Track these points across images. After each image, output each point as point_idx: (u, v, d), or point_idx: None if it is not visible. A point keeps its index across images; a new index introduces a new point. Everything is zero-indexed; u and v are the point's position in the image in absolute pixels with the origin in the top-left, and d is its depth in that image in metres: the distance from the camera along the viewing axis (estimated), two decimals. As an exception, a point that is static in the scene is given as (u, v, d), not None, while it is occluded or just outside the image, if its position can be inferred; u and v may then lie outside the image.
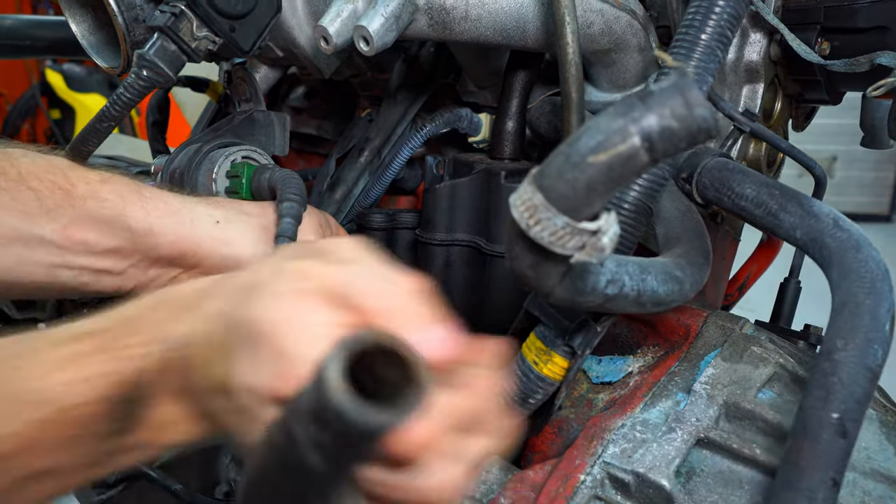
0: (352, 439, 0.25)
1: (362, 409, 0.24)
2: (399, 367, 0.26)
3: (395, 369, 0.26)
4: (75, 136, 0.62)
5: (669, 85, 0.32)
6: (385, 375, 0.26)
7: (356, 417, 0.24)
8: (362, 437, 0.25)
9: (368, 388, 0.24)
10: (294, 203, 0.62)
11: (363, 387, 0.24)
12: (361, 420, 0.24)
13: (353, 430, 0.24)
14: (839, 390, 0.42)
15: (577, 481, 0.54)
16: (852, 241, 0.46)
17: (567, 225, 0.34)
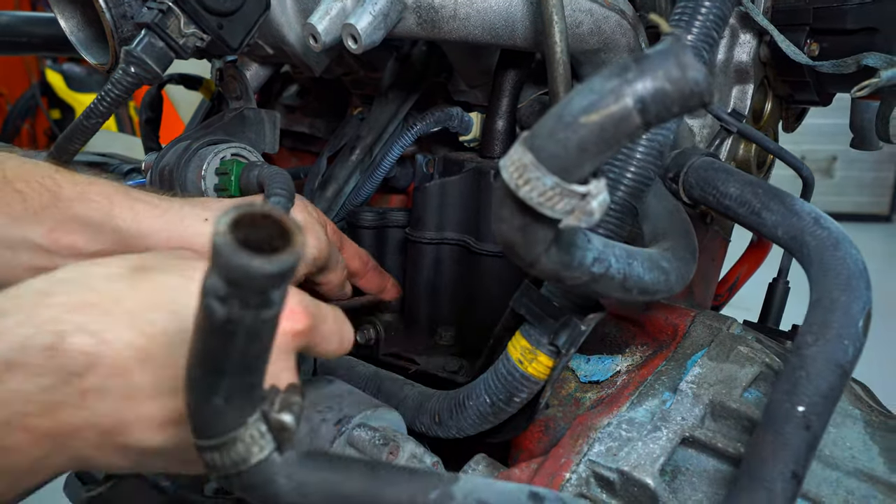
0: (234, 281, 0.28)
1: (237, 251, 0.27)
2: (281, 235, 0.29)
3: (283, 240, 0.29)
4: (62, 133, 0.62)
5: (664, 48, 0.32)
6: (277, 247, 0.29)
7: (232, 258, 0.27)
8: (240, 278, 0.28)
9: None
10: (281, 198, 0.63)
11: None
12: (236, 260, 0.27)
13: (232, 270, 0.28)
14: (805, 384, 0.43)
15: (563, 479, 0.54)
16: (832, 238, 0.46)
17: (557, 185, 0.34)
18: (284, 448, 0.37)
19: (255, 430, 0.36)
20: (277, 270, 0.28)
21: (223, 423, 0.35)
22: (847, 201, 5.89)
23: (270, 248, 0.29)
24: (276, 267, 0.28)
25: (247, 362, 0.33)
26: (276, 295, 0.30)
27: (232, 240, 0.28)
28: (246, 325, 0.30)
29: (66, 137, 0.61)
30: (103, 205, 0.57)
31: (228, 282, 0.29)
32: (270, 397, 0.37)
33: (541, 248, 0.39)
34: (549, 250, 0.39)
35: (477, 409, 0.58)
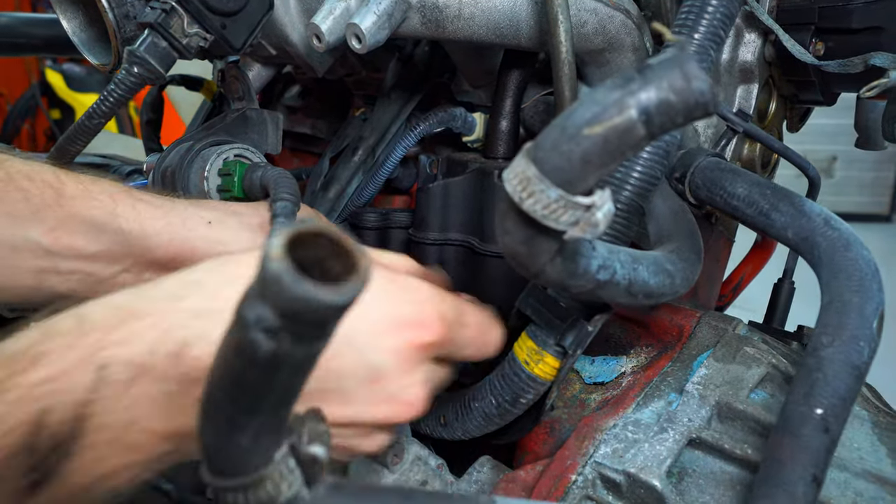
0: (292, 313, 0.25)
1: (299, 280, 0.24)
2: (342, 260, 0.26)
3: (338, 262, 0.26)
4: (63, 134, 0.61)
5: (668, 58, 0.31)
6: (329, 268, 0.26)
7: (293, 288, 0.24)
8: (300, 310, 0.25)
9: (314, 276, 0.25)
10: (288, 202, 0.62)
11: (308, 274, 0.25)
12: (299, 291, 0.24)
13: (291, 302, 0.24)
14: (822, 387, 0.42)
15: (569, 481, 0.54)
16: (842, 239, 0.46)
17: (561, 198, 0.33)
18: (314, 482, 0.34)
19: (283, 467, 0.32)
20: (345, 302, 0.25)
21: (249, 462, 0.32)
22: (847, 201, 5.89)
23: (322, 271, 0.26)
24: (343, 298, 0.25)
25: (286, 399, 0.30)
26: (332, 327, 0.27)
27: (290, 266, 0.24)
28: (295, 360, 0.27)
29: (67, 138, 0.60)
30: (107, 203, 0.57)
31: (284, 314, 0.25)
32: (298, 428, 0.33)
33: (545, 259, 0.39)
34: (553, 260, 0.39)
35: (482, 411, 0.57)
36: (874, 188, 6.04)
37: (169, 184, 0.74)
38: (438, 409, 0.62)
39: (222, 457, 0.32)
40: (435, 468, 0.56)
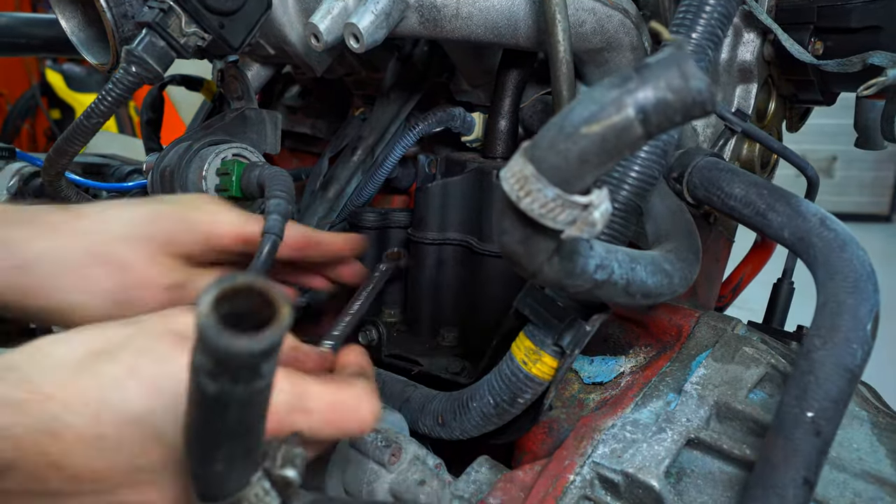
0: (223, 362, 0.28)
1: (220, 333, 0.27)
2: (271, 308, 0.29)
3: (269, 310, 0.29)
4: (62, 134, 0.61)
5: (665, 57, 0.31)
6: (264, 316, 0.29)
7: (216, 340, 0.27)
8: (226, 358, 0.28)
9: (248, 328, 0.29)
10: (281, 200, 0.62)
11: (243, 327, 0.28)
12: (221, 342, 0.27)
13: (218, 351, 0.28)
14: (815, 389, 0.42)
15: (567, 481, 0.54)
16: (838, 240, 0.46)
17: (558, 197, 0.33)
18: (290, 502, 0.37)
19: (259, 489, 0.36)
20: (264, 348, 0.28)
21: (227, 486, 0.36)
22: (847, 201, 5.90)
23: (257, 319, 0.29)
24: (262, 345, 0.28)
25: (243, 430, 0.33)
26: (267, 368, 0.30)
27: (216, 321, 0.27)
28: (238, 397, 0.31)
29: (65, 138, 0.60)
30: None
31: (217, 361, 0.28)
32: (272, 453, 0.37)
33: (543, 259, 0.39)
34: (551, 260, 0.39)
35: (480, 411, 0.57)
36: (874, 188, 6.05)
37: (168, 183, 0.74)
38: (436, 408, 0.62)
39: (204, 483, 0.36)
40: (433, 468, 0.56)
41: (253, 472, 0.36)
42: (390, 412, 0.60)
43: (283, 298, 0.29)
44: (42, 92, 4.17)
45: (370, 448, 0.55)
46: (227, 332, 0.27)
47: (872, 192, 6.05)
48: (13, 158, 1.08)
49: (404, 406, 0.65)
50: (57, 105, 4.24)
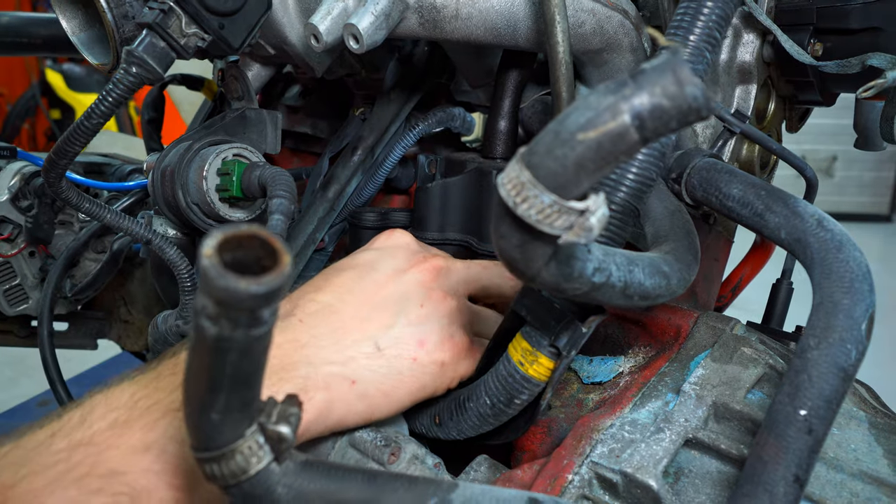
0: (222, 301, 0.29)
1: (223, 274, 0.28)
2: (273, 258, 0.30)
3: (271, 260, 0.30)
4: (62, 134, 0.61)
5: (661, 63, 0.31)
6: (266, 266, 0.30)
7: (218, 280, 0.28)
8: (227, 299, 0.29)
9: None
10: (283, 199, 0.62)
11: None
12: (222, 282, 0.28)
13: (219, 291, 0.28)
14: (807, 388, 0.42)
15: (565, 481, 0.54)
16: (835, 241, 0.46)
17: (555, 203, 0.33)
18: (283, 458, 0.38)
19: (252, 442, 0.37)
20: (264, 291, 0.29)
21: (221, 436, 0.36)
22: (847, 201, 5.90)
23: (260, 268, 0.29)
24: (262, 288, 0.28)
25: (241, 378, 0.34)
26: (266, 313, 0.30)
27: (218, 262, 0.28)
28: (237, 342, 0.31)
29: (66, 139, 0.60)
30: None
31: (217, 302, 0.29)
32: (268, 409, 0.38)
33: (540, 263, 0.39)
34: (548, 264, 0.39)
35: (477, 411, 0.57)
36: (874, 188, 6.05)
37: (168, 183, 0.74)
38: (433, 408, 0.62)
39: (199, 432, 0.36)
40: (432, 467, 0.56)
41: (248, 425, 0.37)
42: (389, 412, 0.60)
43: (285, 248, 0.30)
44: (42, 92, 4.19)
45: (369, 447, 0.55)
46: (229, 273, 0.28)
47: (872, 192, 6.04)
48: (14, 158, 1.08)
49: (403, 406, 0.65)
50: (57, 105, 4.26)
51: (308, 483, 0.38)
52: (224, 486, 0.37)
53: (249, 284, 0.28)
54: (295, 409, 0.38)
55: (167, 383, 0.47)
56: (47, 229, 1.10)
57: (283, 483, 0.38)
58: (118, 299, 1.33)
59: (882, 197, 6.08)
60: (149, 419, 0.45)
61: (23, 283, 1.12)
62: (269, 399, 0.38)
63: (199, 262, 0.28)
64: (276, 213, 0.62)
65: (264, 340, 0.32)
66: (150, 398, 0.46)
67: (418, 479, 0.41)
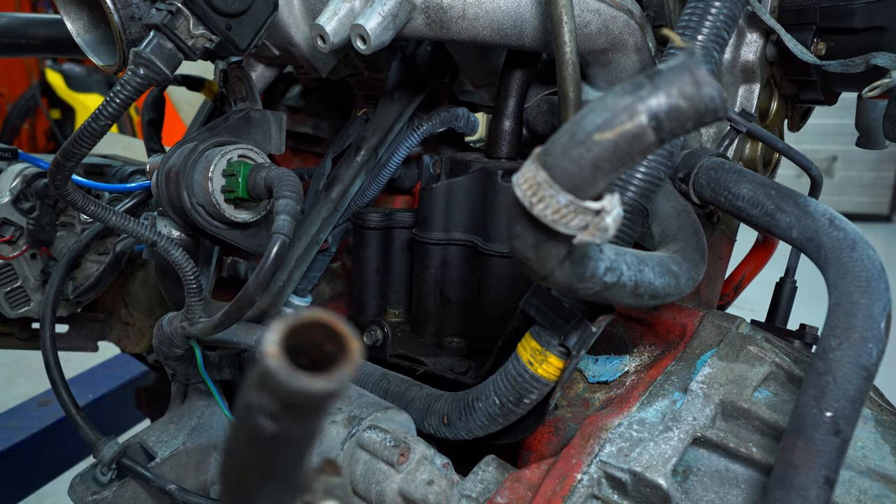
0: (291, 404, 0.27)
1: (293, 375, 0.26)
2: (336, 342, 0.28)
3: (332, 344, 0.28)
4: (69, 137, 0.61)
5: (678, 63, 0.31)
6: (326, 350, 0.28)
7: (288, 382, 0.26)
8: (296, 401, 0.27)
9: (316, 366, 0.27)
10: (290, 200, 0.62)
11: (310, 364, 0.27)
12: (293, 384, 0.26)
13: (288, 394, 0.26)
14: (832, 389, 0.42)
15: (574, 480, 0.54)
16: (848, 240, 0.46)
17: (571, 203, 0.34)
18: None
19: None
20: (335, 388, 0.27)
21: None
22: (847, 201, 5.92)
23: (318, 353, 0.27)
24: (334, 385, 0.26)
25: (293, 467, 0.32)
26: (328, 405, 0.29)
27: (286, 362, 0.26)
28: (295, 436, 0.30)
29: (73, 141, 0.60)
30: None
31: (283, 404, 0.27)
32: (311, 485, 0.36)
33: (554, 263, 0.39)
34: (562, 264, 0.39)
35: (486, 411, 0.57)
36: (874, 188, 6.07)
37: (173, 185, 0.74)
38: (441, 409, 0.62)
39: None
40: (441, 467, 0.56)
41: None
42: (397, 412, 0.60)
43: (349, 332, 0.27)
44: (42, 92, 4.18)
45: (379, 448, 0.55)
46: (300, 373, 0.26)
47: (872, 192, 6.07)
48: (16, 160, 1.08)
49: (410, 406, 0.65)
50: (57, 105, 4.25)
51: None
52: None
53: (323, 384, 0.26)
54: (338, 480, 0.36)
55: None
56: (49, 231, 1.10)
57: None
58: (119, 301, 1.32)
59: (882, 197, 6.10)
60: None
61: (24, 286, 1.12)
62: (310, 471, 0.36)
63: (259, 359, 0.26)
64: (282, 214, 0.62)
65: (320, 426, 0.31)
66: None
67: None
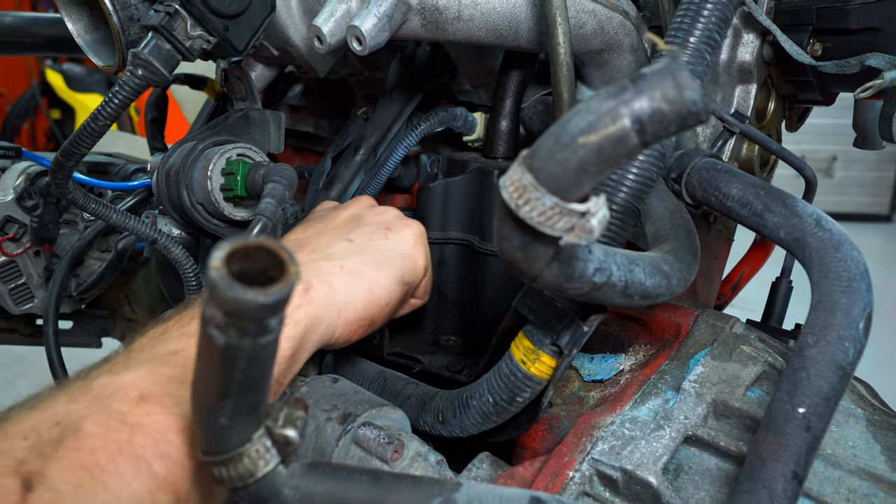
0: (232, 313, 0.29)
1: (231, 285, 0.28)
2: (280, 268, 0.30)
3: (278, 270, 0.30)
4: (69, 137, 0.62)
5: (661, 67, 0.32)
6: (273, 276, 0.30)
7: (226, 291, 0.28)
8: (236, 309, 0.29)
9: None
10: (277, 185, 0.64)
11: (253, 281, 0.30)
12: (230, 294, 0.28)
13: (227, 303, 0.29)
14: (806, 386, 0.43)
15: (566, 478, 0.54)
16: (833, 240, 0.46)
17: (556, 205, 0.34)
18: (289, 461, 0.39)
19: (259, 446, 0.37)
20: (272, 301, 0.29)
21: (229, 441, 0.37)
22: (847, 201, 5.90)
23: (266, 278, 0.30)
24: (270, 299, 0.29)
25: (249, 383, 0.34)
26: (274, 322, 0.31)
27: (226, 273, 0.28)
28: (245, 350, 0.31)
29: (73, 141, 0.61)
30: None
31: (226, 313, 0.29)
32: (275, 413, 0.38)
33: (542, 264, 0.40)
34: (550, 265, 0.40)
35: (480, 409, 0.58)
36: (874, 188, 6.05)
37: (173, 183, 0.74)
38: (436, 406, 0.62)
39: (207, 436, 0.37)
40: (435, 464, 0.57)
41: (255, 429, 0.37)
42: (392, 409, 0.61)
43: (291, 258, 0.30)
44: (42, 92, 4.19)
45: (373, 445, 0.56)
46: (238, 284, 0.28)
47: (872, 192, 6.05)
48: (19, 158, 1.09)
49: (405, 404, 0.66)
50: (57, 105, 4.26)
51: (314, 485, 0.39)
52: (232, 488, 0.38)
53: (257, 295, 0.29)
54: (301, 413, 0.39)
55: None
56: (52, 229, 1.11)
57: (289, 485, 0.38)
58: (122, 298, 1.34)
59: (882, 197, 6.08)
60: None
61: (28, 283, 1.13)
62: (276, 403, 0.39)
63: (207, 274, 0.29)
64: (267, 197, 0.63)
65: (272, 347, 0.33)
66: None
67: (423, 480, 0.41)
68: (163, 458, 0.40)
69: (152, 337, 0.50)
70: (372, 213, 0.69)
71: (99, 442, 0.39)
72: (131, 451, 0.39)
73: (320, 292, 0.56)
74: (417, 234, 0.67)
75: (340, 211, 0.70)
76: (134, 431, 0.40)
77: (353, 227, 0.67)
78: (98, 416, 0.40)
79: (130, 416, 0.41)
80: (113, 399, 0.42)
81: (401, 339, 0.82)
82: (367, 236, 0.65)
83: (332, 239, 0.64)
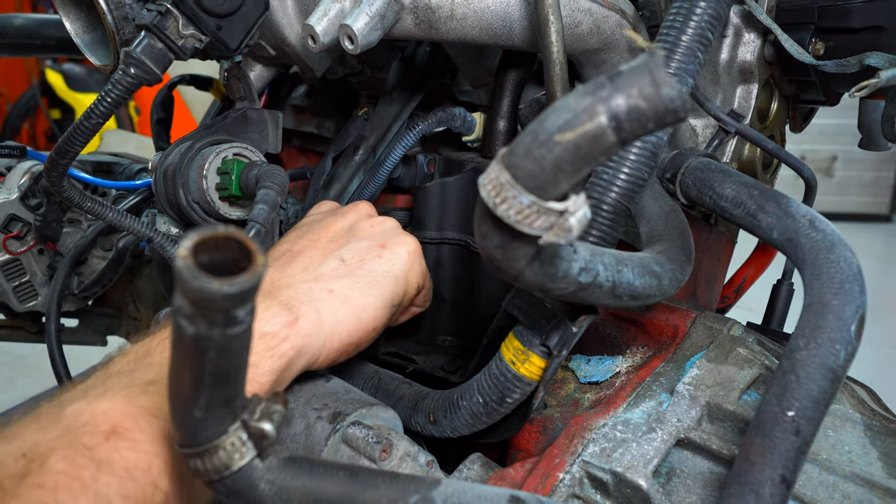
0: (198, 302, 0.29)
1: (196, 275, 0.28)
2: (248, 259, 0.30)
3: (246, 261, 0.30)
4: (62, 135, 0.62)
5: (638, 64, 0.31)
6: (242, 267, 0.30)
7: (191, 280, 0.28)
8: (200, 299, 0.29)
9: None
10: (270, 191, 0.64)
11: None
12: (195, 283, 0.28)
13: (193, 292, 0.29)
14: (795, 389, 0.42)
15: (556, 480, 0.54)
16: (826, 241, 0.45)
17: (533, 204, 0.34)
18: (266, 455, 0.39)
19: (235, 439, 0.37)
20: (237, 291, 0.29)
21: (204, 433, 0.37)
22: (847, 201, 5.86)
23: (237, 269, 0.30)
24: (235, 288, 0.29)
25: (221, 375, 0.34)
26: (241, 313, 0.31)
27: (192, 263, 0.28)
28: (215, 341, 0.31)
29: (66, 139, 0.61)
30: None
31: (192, 302, 0.29)
32: (252, 406, 0.38)
33: (523, 263, 0.39)
34: (531, 264, 0.39)
35: (470, 409, 0.58)
36: (874, 188, 6.01)
37: (170, 182, 0.75)
38: (428, 406, 0.62)
39: (183, 428, 0.37)
40: (424, 464, 0.56)
41: (231, 422, 0.37)
42: (383, 409, 0.60)
43: (259, 249, 0.30)
44: (42, 92, 4.21)
45: (361, 444, 0.56)
46: (203, 274, 0.28)
47: (872, 192, 5.99)
48: (24, 157, 1.10)
49: (399, 403, 0.65)
50: (57, 105, 4.28)
51: (290, 479, 0.39)
52: (208, 480, 0.38)
53: (222, 285, 0.28)
54: (279, 407, 0.38)
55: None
56: (56, 227, 1.12)
57: (265, 479, 0.38)
58: (127, 296, 1.35)
59: (882, 197, 6.03)
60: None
61: (32, 280, 1.14)
62: (254, 397, 0.39)
63: (174, 263, 0.29)
64: (260, 203, 0.63)
65: (242, 338, 0.33)
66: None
67: (400, 476, 0.41)
68: (125, 497, 0.40)
69: (134, 359, 0.49)
70: (368, 224, 0.68)
71: (62, 479, 0.38)
72: (94, 489, 0.39)
73: (308, 321, 0.55)
74: (412, 251, 0.65)
75: (337, 219, 0.69)
76: (100, 468, 0.40)
77: (348, 240, 0.65)
78: (65, 450, 0.40)
79: (98, 452, 0.40)
80: (83, 431, 0.41)
81: (397, 339, 0.82)
82: (361, 255, 0.63)
83: (324, 255, 0.63)
